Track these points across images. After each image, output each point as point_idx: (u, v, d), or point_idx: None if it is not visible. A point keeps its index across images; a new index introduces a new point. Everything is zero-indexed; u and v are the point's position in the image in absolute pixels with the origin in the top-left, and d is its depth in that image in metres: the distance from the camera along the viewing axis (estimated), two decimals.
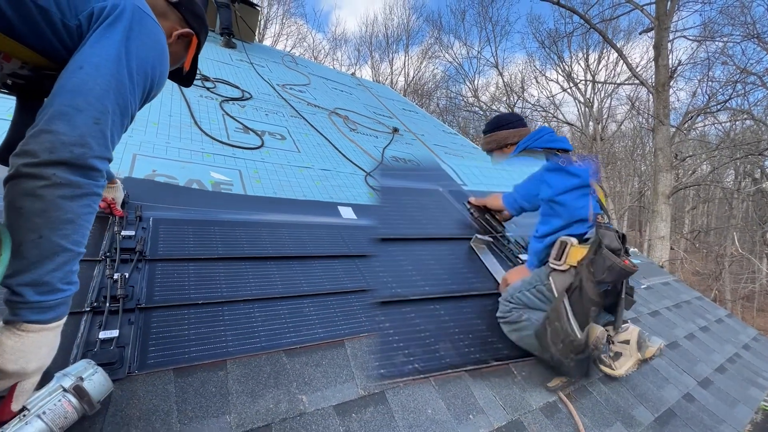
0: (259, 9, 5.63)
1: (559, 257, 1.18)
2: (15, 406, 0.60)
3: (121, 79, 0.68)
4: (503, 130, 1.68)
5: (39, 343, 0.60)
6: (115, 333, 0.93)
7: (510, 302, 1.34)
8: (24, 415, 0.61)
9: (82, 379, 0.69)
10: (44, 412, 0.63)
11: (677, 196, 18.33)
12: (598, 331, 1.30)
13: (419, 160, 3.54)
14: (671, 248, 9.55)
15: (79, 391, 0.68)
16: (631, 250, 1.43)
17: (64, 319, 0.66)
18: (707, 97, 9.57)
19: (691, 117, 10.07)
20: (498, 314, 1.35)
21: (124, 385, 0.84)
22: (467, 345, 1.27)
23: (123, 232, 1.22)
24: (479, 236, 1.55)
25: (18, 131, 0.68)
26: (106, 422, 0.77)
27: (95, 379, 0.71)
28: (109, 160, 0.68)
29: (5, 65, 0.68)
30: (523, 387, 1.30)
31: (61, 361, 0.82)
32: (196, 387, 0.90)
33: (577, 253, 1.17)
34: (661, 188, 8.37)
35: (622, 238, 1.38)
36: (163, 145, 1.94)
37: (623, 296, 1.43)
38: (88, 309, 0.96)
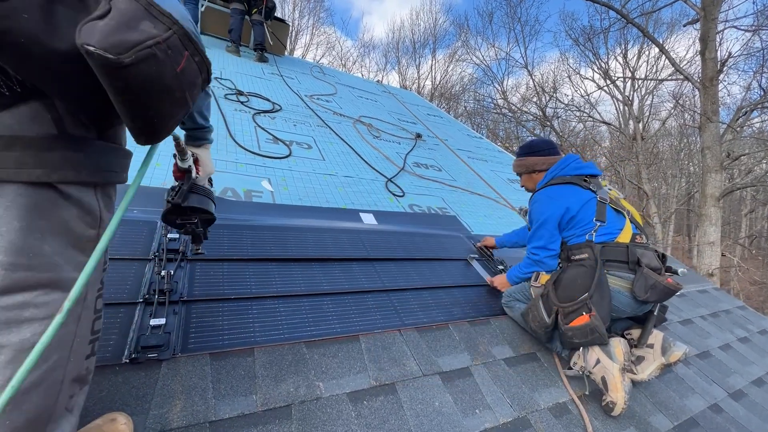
0: (289, 24, 5.94)
1: (535, 279, 1.58)
2: (203, 174, 1.04)
3: None
4: (533, 156, 1.75)
5: (208, 157, 1.07)
6: (162, 321, 1.09)
7: (510, 296, 1.69)
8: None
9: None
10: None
11: (732, 199, 16.81)
12: (622, 345, 1.33)
13: (441, 165, 3.60)
14: (723, 254, 8.82)
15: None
16: (680, 270, 1.46)
17: None
18: (763, 90, 8.79)
19: (745, 112, 9.27)
20: (502, 301, 1.72)
21: (170, 365, 0.99)
22: (468, 307, 1.68)
23: (168, 236, 1.40)
24: (471, 255, 2.07)
25: None
26: (156, 393, 0.92)
27: None
28: None
29: None
30: (532, 386, 1.34)
31: (120, 343, 0.99)
32: (228, 369, 1.04)
33: (544, 277, 1.56)
34: (709, 190, 7.78)
35: (663, 257, 1.41)
36: None
37: (655, 312, 1.44)
38: (141, 300, 1.13)
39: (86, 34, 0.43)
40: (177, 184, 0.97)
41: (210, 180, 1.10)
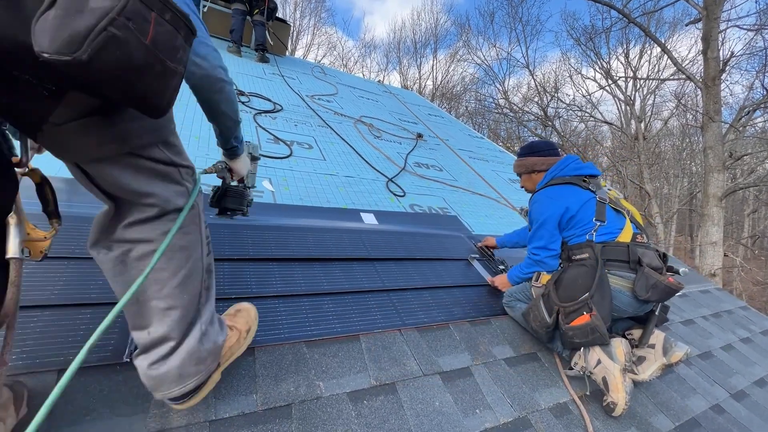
0: (290, 24, 5.96)
1: (536, 279, 1.59)
2: (236, 177, 1.32)
3: None
4: (533, 157, 1.75)
5: (245, 162, 1.29)
6: None
7: (511, 296, 1.70)
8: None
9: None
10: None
11: (735, 199, 16.74)
12: (623, 345, 1.32)
13: (442, 165, 3.60)
14: (725, 255, 8.78)
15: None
16: (681, 270, 1.46)
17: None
18: (766, 90, 8.75)
19: (747, 112, 9.23)
20: (503, 301, 1.72)
21: None
22: (469, 307, 1.68)
23: None
24: (472, 255, 2.06)
25: None
26: None
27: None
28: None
29: None
30: (533, 386, 1.34)
31: (121, 343, 0.99)
32: (228, 369, 1.04)
33: (545, 277, 1.56)
34: (711, 190, 7.76)
35: (664, 256, 1.41)
36: (204, 156, 2.16)
37: (656, 313, 1.43)
38: None
39: (39, 36, 0.40)
40: (217, 187, 1.32)
41: (242, 178, 1.36)
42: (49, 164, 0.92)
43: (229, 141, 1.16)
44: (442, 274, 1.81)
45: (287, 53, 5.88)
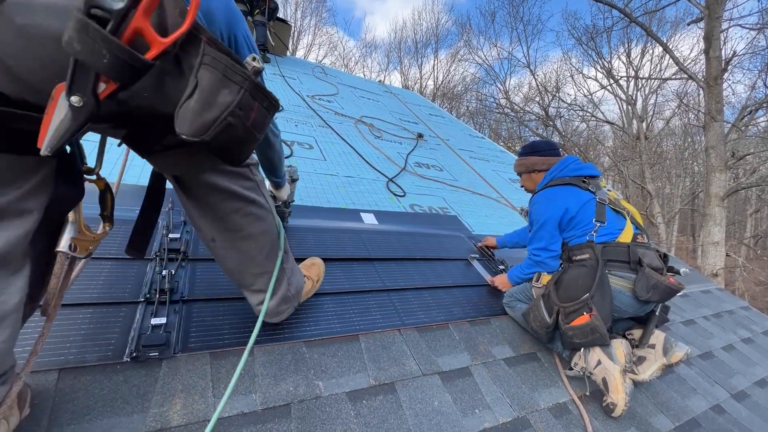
0: (291, 25, 5.96)
1: (536, 280, 1.59)
2: (279, 200, 1.64)
3: None
4: (533, 156, 1.75)
5: (286, 189, 1.62)
6: (163, 320, 1.10)
7: (511, 297, 1.70)
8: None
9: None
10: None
11: (738, 199, 16.65)
12: (623, 346, 1.32)
13: (443, 165, 3.60)
14: (728, 255, 8.75)
15: None
16: (682, 270, 1.46)
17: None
18: None
19: (750, 111, 9.19)
20: (504, 301, 1.72)
21: (171, 363, 1.00)
22: (469, 307, 1.68)
23: (170, 235, 1.41)
24: (472, 255, 2.06)
25: None
26: (156, 392, 0.93)
27: None
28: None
29: None
30: (532, 386, 1.34)
31: (121, 342, 1.00)
32: (228, 368, 1.04)
33: (546, 278, 1.56)
34: (713, 189, 7.73)
35: (664, 257, 1.41)
36: None
37: (657, 313, 1.43)
38: (143, 300, 1.14)
39: (180, 122, 0.57)
40: None
41: (285, 201, 1.68)
42: None
43: (274, 177, 1.50)
44: (442, 274, 1.81)
45: (288, 53, 5.89)
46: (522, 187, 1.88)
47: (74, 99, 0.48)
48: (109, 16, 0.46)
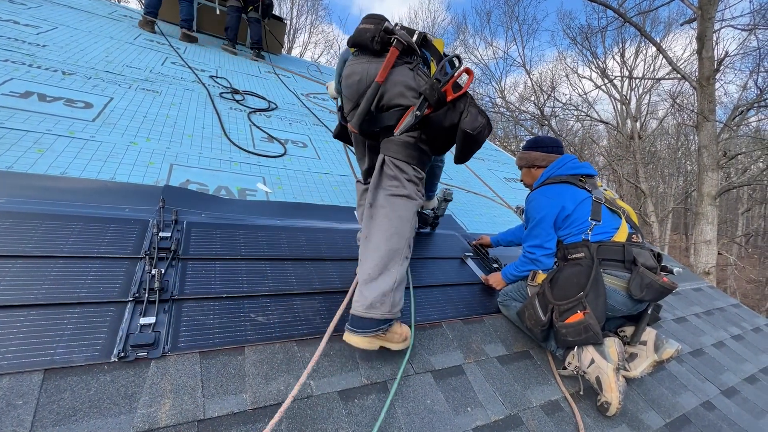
0: (286, 22, 5.92)
1: (532, 279, 1.60)
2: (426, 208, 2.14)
3: None
4: (535, 151, 1.75)
5: (434, 201, 2.13)
6: (152, 320, 1.08)
7: (506, 296, 1.70)
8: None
9: None
10: None
11: (729, 198, 16.86)
12: (616, 345, 1.33)
13: None
14: (719, 253, 8.85)
15: None
16: (675, 270, 1.47)
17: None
18: (759, 89, 8.82)
19: (741, 111, 9.31)
20: (498, 300, 1.73)
21: (159, 363, 0.99)
22: (462, 306, 1.69)
23: (161, 234, 1.39)
24: (466, 253, 2.09)
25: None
26: (144, 392, 0.91)
27: None
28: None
29: None
30: (525, 384, 1.34)
31: (109, 342, 0.99)
32: (218, 368, 1.03)
33: (541, 276, 1.57)
34: (706, 189, 7.82)
35: (658, 256, 1.42)
36: (196, 155, 2.15)
37: (649, 312, 1.44)
38: (131, 299, 1.13)
39: (464, 124, 1.20)
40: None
41: (433, 209, 2.13)
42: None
43: (429, 192, 1.94)
44: (436, 272, 1.81)
45: (283, 51, 5.85)
46: (521, 181, 1.88)
47: (417, 113, 1.19)
48: (438, 84, 1.19)
